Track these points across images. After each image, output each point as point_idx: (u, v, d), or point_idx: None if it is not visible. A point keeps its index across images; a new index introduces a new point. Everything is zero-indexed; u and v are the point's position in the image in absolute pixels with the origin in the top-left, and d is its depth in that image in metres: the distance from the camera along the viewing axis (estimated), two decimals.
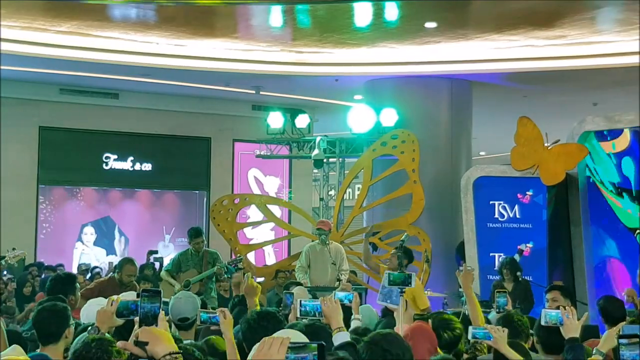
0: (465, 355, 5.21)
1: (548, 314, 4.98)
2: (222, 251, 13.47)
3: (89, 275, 14.59)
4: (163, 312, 3.27)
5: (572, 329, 4.91)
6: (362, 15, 12.90)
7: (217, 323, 4.88)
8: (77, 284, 7.33)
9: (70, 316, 5.34)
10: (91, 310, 5.38)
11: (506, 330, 4.87)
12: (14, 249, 9.36)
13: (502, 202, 12.04)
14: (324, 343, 2.78)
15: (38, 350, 5.15)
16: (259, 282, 13.69)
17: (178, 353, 2.95)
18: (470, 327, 5.06)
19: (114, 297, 4.27)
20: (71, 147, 17.59)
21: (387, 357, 3.94)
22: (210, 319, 5.01)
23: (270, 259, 18.37)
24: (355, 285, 12.01)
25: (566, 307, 4.93)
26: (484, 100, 16.30)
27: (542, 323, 5.00)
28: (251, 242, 16.61)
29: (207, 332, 5.75)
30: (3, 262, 8.87)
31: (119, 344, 3.12)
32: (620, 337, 4.28)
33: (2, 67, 15.20)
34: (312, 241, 11.87)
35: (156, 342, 2.95)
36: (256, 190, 19.11)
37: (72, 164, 17.66)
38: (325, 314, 4.89)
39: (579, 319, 5.05)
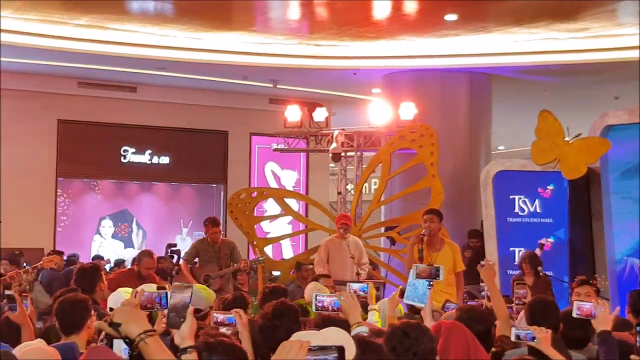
0: (492, 349, 5.14)
1: (582, 306, 4.91)
2: (240, 244, 13.43)
3: (109, 267, 14.63)
4: (192, 306, 3.26)
5: (604, 321, 4.85)
6: (381, 7, 12.82)
7: (232, 324, 4.81)
8: (102, 273, 7.33)
9: (91, 307, 5.33)
10: (119, 299, 5.37)
11: (549, 331, 4.78)
12: (49, 253, 9.39)
13: (522, 197, 11.95)
14: (343, 345, 2.78)
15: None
16: (276, 276, 13.73)
17: (152, 331, 3.01)
18: (512, 328, 4.98)
19: (138, 288, 4.24)
20: (89, 140, 17.62)
21: (405, 341, 3.93)
22: (226, 320, 4.95)
23: (288, 253, 18.34)
24: (373, 280, 11.94)
25: (598, 300, 4.87)
26: (504, 94, 16.20)
27: (574, 315, 4.94)
28: (268, 236, 16.59)
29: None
30: (39, 264, 8.83)
31: (95, 323, 3.17)
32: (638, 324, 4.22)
33: (22, 61, 15.26)
34: (330, 235, 11.82)
35: (129, 323, 3.02)
36: (273, 184, 19.11)
37: (90, 157, 17.70)
38: (343, 309, 4.85)
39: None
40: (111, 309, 5.84)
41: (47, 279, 12.25)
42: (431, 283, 5.18)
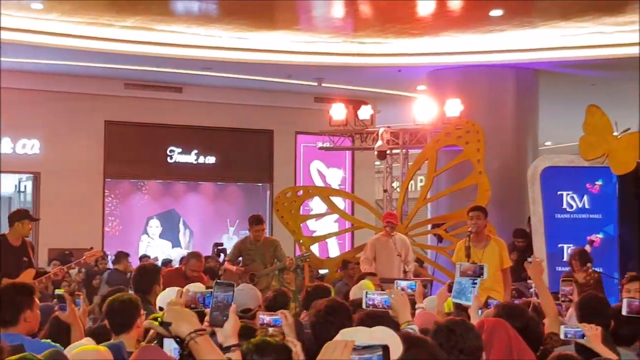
0: (541, 347, 5.08)
1: (632, 303, 4.84)
2: (286, 243, 13.59)
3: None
4: (235, 304, 3.25)
5: None
6: (425, 4, 12.76)
7: (278, 325, 4.81)
8: (160, 276, 7.36)
9: (141, 307, 5.36)
10: (167, 299, 5.39)
11: (599, 328, 4.72)
12: (91, 248, 9.55)
13: (570, 193, 11.80)
14: (388, 344, 2.77)
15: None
16: (322, 274, 13.72)
17: (202, 330, 3.02)
18: (562, 326, 4.92)
19: (184, 288, 4.25)
20: (136, 141, 17.78)
21: (452, 338, 3.93)
22: (272, 321, 4.95)
23: (334, 251, 18.34)
24: (420, 278, 11.90)
25: None
26: (551, 89, 16.03)
27: (624, 312, 4.87)
28: (314, 235, 16.59)
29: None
30: (82, 260, 8.99)
31: (145, 323, 3.19)
32: None
33: (69, 63, 15.44)
34: (376, 233, 11.79)
35: (180, 322, 3.03)
36: (319, 183, 19.11)
37: (137, 157, 17.85)
38: (393, 307, 4.81)
39: None
40: (161, 309, 5.88)
41: (115, 280, 12.39)
42: (475, 281, 5.11)
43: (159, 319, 3.15)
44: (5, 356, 3.92)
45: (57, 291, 5.77)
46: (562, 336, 4.81)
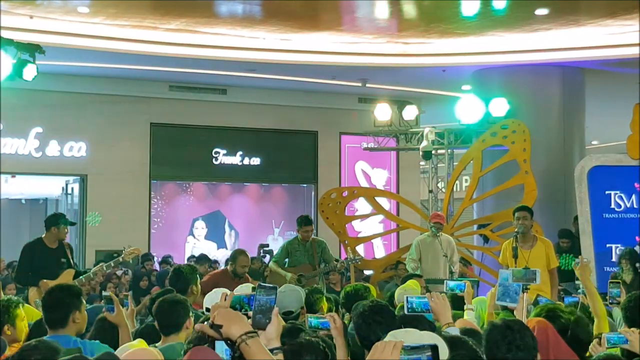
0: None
1: None
2: (331, 244, 13.63)
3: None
4: (277, 307, 3.26)
5: None
6: (470, 4, 12.67)
7: (327, 328, 4.80)
8: (198, 276, 7.40)
9: (190, 307, 5.39)
10: (215, 300, 5.41)
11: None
12: (129, 246, 9.61)
13: (618, 192, 11.67)
14: (437, 344, 2.77)
15: (159, 343, 5.20)
16: (368, 275, 13.71)
17: (253, 332, 3.03)
18: (604, 334, 4.86)
19: (228, 291, 4.26)
20: (181, 143, 17.87)
21: (508, 335, 3.86)
22: (320, 325, 4.95)
23: (379, 252, 18.31)
24: (466, 278, 11.82)
25: None
26: (597, 88, 15.85)
27: None
28: (359, 235, 16.59)
29: None
30: (121, 258, 9.11)
31: (197, 326, 3.22)
32: None
33: (115, 66, 15.58)
34: (421, 233, 11.76)
35: (231, 324, 3.04)
36: (363, 183, 19.08)
37: (183, 159, 17.95)
38: (433, 310, 4.81)
39: None
40: (207, 309, 5.91)
41: None
42: (528, 287, 5.03)
43: (208, 321, 3.17)
44: (60, 357, 3.98)
45: (104, 293, 5.82)
46: (606, 345, 4.74)
